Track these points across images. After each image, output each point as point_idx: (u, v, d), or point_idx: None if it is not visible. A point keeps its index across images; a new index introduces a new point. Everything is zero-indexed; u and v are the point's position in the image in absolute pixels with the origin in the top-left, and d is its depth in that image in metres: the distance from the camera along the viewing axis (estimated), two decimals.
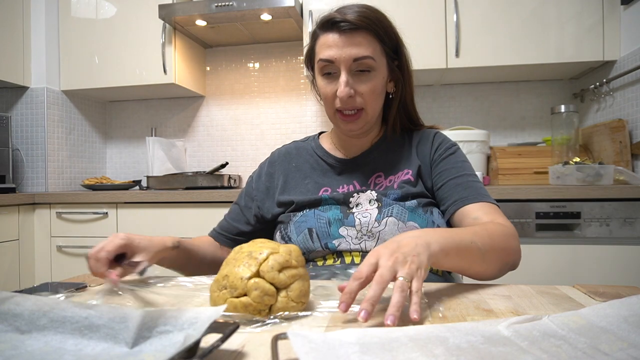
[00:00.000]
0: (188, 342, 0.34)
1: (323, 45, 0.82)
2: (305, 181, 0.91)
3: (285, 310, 0.50)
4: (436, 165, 0.88)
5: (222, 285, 0.51)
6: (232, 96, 2.49)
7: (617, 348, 0.36)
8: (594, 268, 1.48)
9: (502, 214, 0.81)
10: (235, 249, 0.56)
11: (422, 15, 1.91)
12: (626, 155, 1.71)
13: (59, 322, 0.38)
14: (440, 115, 2.28)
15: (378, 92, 0.84)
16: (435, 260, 0.57)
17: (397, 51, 0.86)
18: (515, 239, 0.74)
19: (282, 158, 0.97)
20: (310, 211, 0.85)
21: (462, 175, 0.85)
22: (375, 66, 0.81)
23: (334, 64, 0.81)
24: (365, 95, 0.81)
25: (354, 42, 0.79)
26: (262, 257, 0.51)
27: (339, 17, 0.80)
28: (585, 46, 1.82)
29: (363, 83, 0.81)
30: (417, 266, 0.52)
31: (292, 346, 0.34)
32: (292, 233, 0.84)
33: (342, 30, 0.79)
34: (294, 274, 0.52)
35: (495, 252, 0.67)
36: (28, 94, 2.19)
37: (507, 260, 0.71)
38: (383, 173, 0.89)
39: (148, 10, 2.14)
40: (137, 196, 1.86)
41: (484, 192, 0.84)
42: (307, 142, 1.00)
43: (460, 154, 0.90)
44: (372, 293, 0.47)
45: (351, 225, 0.82)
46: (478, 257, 0.64)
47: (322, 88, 0.84)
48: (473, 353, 0.35)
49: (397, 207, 0.82)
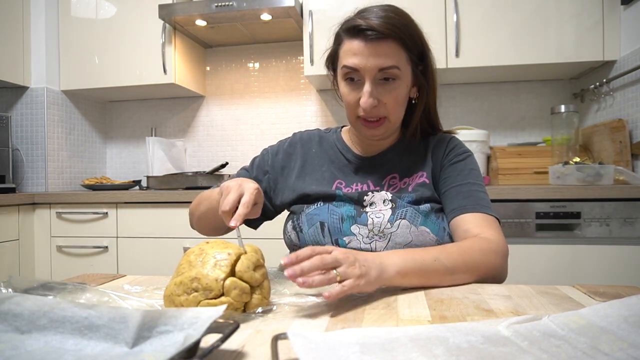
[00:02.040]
0: (188, 342, 0.34)
1: (348, 51, 0.80)
2: (322, 169, 0.91)
3: (259, 306, 0.52)
4: (444, 171, 0.88)
5: (191, 288, 0.50)
6: (232, 96, 2.49)
7: (617, 348, 0.36)
8: (594, 268, 1.48)
9: (496, 227, 0.79)
10: (188, 252, 0.56)
11: (422, 15, 1.88)
12: (626, 155, 1.71)
13: (59, 322, 0.38)
14: (440, 115, 2.24)
15: (401, 101, 0.83)
16: (389, 281, 0.60)
17: (422, 56, 0.85)
18: (498, 255, 0.72)
19: (303, 142, 0.96)
20: (324, 205, 0.85)
21: (466, 183, 0.84)
22: (400, 75, 0.79)
23: (358, 72, 0.79)
24: (388, 105, 0.80)
25: (380, 52, 0.77)
26: (233, 258, 0.52)
27: (364, 25, 0.77)
28: (585, 46, 1.82)
29: (387, 92, 0.80)
30: (360, 274, 0.55)
31: (292, 346, 0.34)
32: (304, 224, 0.85)
33: (368, 38, 0.77)
34: (264, 272, 0.56)
35: (466, 268, 0.67)
36: (28, 94, 2.19)
37: (483, 277, 0.69)
38: (398, 175, 0.89)
39: (148, 10, 2.14)
40: (137, 196, 1.86)
41: (484, 202, 0.82)
42: (330, 133, 0.99)
43: (470, 162, 0.89)
44: (306, 264, 0.53)
45: (363, 224, 0.82)
46: (445, 274, 0.65)
47: (345, 95, 0.83)
48: (473, 353, 0.35)
49: (411, 210, 0.82)
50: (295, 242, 0.87)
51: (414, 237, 0.80)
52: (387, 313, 0.52)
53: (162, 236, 1.82)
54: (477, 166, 0.90)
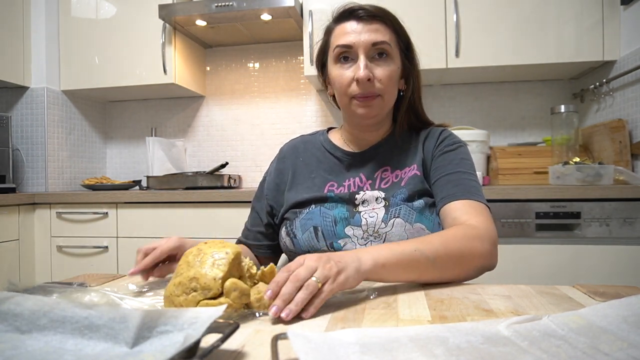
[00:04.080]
0: (188, 342, 0.34)
1: (340, 33, 0.84)
2: (312, 175, 0.91)
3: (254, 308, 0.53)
4: (435, 161, 0.87)
5: (190, 288, 0.51)
6: (232, 96, 2.49)
7: (616, 348, 0.36)
8: (594, 268, 1.48)
9: (485, 213, 0.78)
10: (187, 253, 0.56)
11: (422, 15, 1.91)
12: (626, 155, 1.71)
13: (59, 322, 0.38)
14: (440, 115, 2.27)
15: (394, 80, 0.85)
16: (370, 273, 0.59)
17: (408, 47, 0.89)
18: (484, 241, 0.70)
19: (289, 153, 0.98)
20: (316, 208, 0.85)
21: (456, 172, 0.84)
22: (391, 53, 0.83)
23: (352, 49, 0.82)
24: (383, 81, 0.82)
25: (372, 29, 0.82)
26: (230, 257, 0.52)
27: (355, 6, 0.83)
28: (585, 46, 1.82)
29: (381, 68, 0.82)
30: (338, 270, 0.54)
31: (292, 346, 0.34)
32: (298, 230, 0.84)
33: (360, 17, 0.83)
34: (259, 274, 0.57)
35: (449, 257, 0.66)
36: (28, 94, 2.19)
37: (470, 265, 0.68)
38: (390, 167, 0.89)
39: (148, 10, 2.14)
40: (137, 196, 1.86)
41: (474, 190, 0.81)
42: (316, 135, 1.00)
43: (461, 152, 0.88)
44: (285, 290, 0.50)
45: (357, 225, 0.82)
46: (426, 264, 0.63)
47: (338, 76, 0.84)
48: (473, 353, 0.35)
49: (405, 207, 0.82)
50: (291, 248, 0.86)
51: (410, 235, 0.80)
52: (387, 313, 0.52)
53: (162, 236, 1.81)
54: (469, 156, 0.89)
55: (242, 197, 1.75)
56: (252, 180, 2.44)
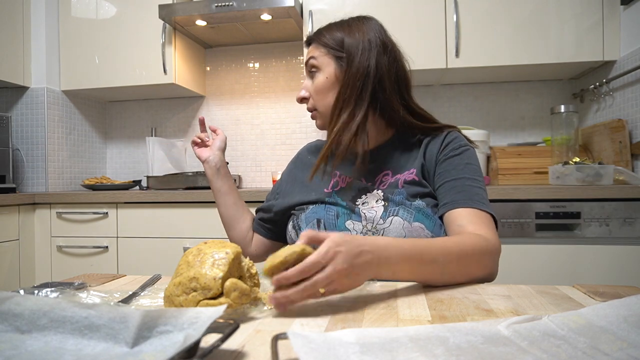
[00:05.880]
0: (188, 342, 0.34)
1: None
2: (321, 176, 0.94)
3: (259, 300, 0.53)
4: (439, 166, 0.86)
5: (190, 288, 0.51)
6: (232, 96, 2.49)
7: (617, 348, 0.36)
8: (594, 268, 1.48)
9: (490, 224, 0.77)
10: (187, 253, 0.56)
11: (422, 15, 1.91)
12: (626, 155, 1.71)
13: (59, 322, 0.38)
14: (440, 115, 2.25)
15: (321, 89, 0.88)
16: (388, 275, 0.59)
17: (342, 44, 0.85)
18: (492, 256, 0.71)
19: (304, 154, 1.05)
20: (322, 205, 0.89)
21: (461, 178, 0.82)
22: (319, 64, 0.88)
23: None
24: (312, 95, 0.90)
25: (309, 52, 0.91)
26: (230, 257, 0.52)
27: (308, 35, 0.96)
28: (585, 46, 1.82)
29: (311, 82, 0.90)
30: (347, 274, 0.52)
31: (292, 346, 0.34)
32: (302, 223, 0.88)
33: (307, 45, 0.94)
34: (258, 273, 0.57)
35: (459, 270, 0.65)
36: (28, 94, 2.19)
37: (474, 278, 0.68)
38: (391, 171, 0.89)
39: (148, 10, 2.14)
40: (137, 196, 1.86)
41: (478, 197, 0.80)
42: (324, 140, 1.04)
43: (466, 156, 0.86)
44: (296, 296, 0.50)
45: (357, 220, 0.84)
46: (436, 275, 0.63)
47: None
48: (473, 353, 0.35)
49: (404, 207, 0.82)
50: (295, 240, 0.87)
51: (408, 233, 0.80)
52: (387, 313, 0.52)
53: (162, 236, 1.83)
54: (476, 160, 0.86)
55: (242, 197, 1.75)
56: (252, 180, 2.44)
